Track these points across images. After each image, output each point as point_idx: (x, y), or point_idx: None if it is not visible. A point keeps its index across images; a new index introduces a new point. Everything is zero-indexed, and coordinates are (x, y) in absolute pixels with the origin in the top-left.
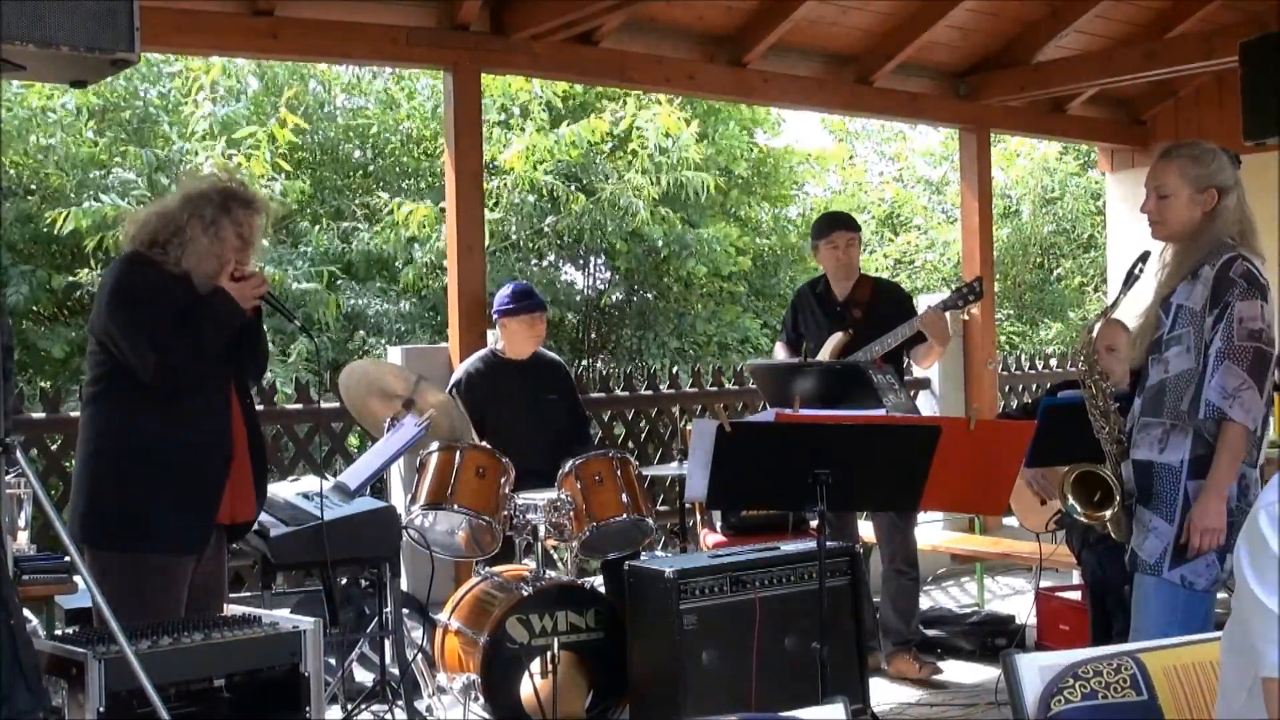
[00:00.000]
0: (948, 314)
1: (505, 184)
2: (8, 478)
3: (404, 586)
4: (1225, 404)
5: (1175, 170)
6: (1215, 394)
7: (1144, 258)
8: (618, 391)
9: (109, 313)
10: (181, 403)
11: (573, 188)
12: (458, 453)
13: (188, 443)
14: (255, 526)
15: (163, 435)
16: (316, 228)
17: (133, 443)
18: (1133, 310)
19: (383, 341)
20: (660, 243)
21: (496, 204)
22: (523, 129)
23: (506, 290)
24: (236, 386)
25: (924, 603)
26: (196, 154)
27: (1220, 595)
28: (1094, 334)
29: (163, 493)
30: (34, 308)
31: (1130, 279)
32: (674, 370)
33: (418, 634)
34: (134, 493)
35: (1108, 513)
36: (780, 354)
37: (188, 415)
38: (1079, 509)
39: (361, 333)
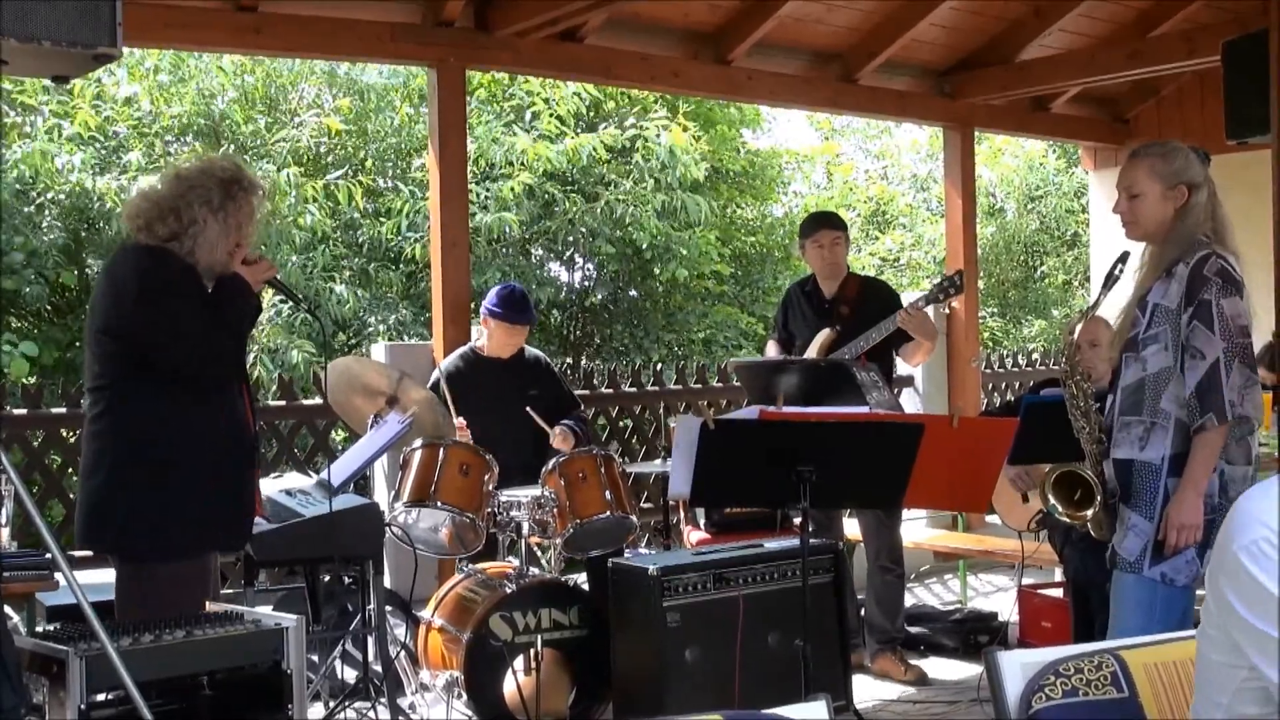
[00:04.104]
0: (930, 308)
1: (508, 188)
2: None
3: (387, 583)
4: (1239, 402)
5: (1144, 169)
6: (1233, 394)
7: (1123, 258)
8: (602, 389)
9: (139, 306)
10: (208, 399)
11: (570, 192)
12: (441, 450)
13: (221, 439)
14: None
15: (199, 433)
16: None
17: (172, 443)
18: (1114, 310)
19: (383, 331)
20: (645, 245)
21: (494, 202)
22: (530, 131)
23: (499, 291)
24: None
25: (907, 600)
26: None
27: (1200, 592)
28: (1075, 334)
29: (207, 494)
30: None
31: (1110, 280)
32: (658, 367)
33: (401, 631)
34: (181, 496)
35: (1088, 512)
36: (771, 352)
37: (219, 411)
38: (1060, 508)
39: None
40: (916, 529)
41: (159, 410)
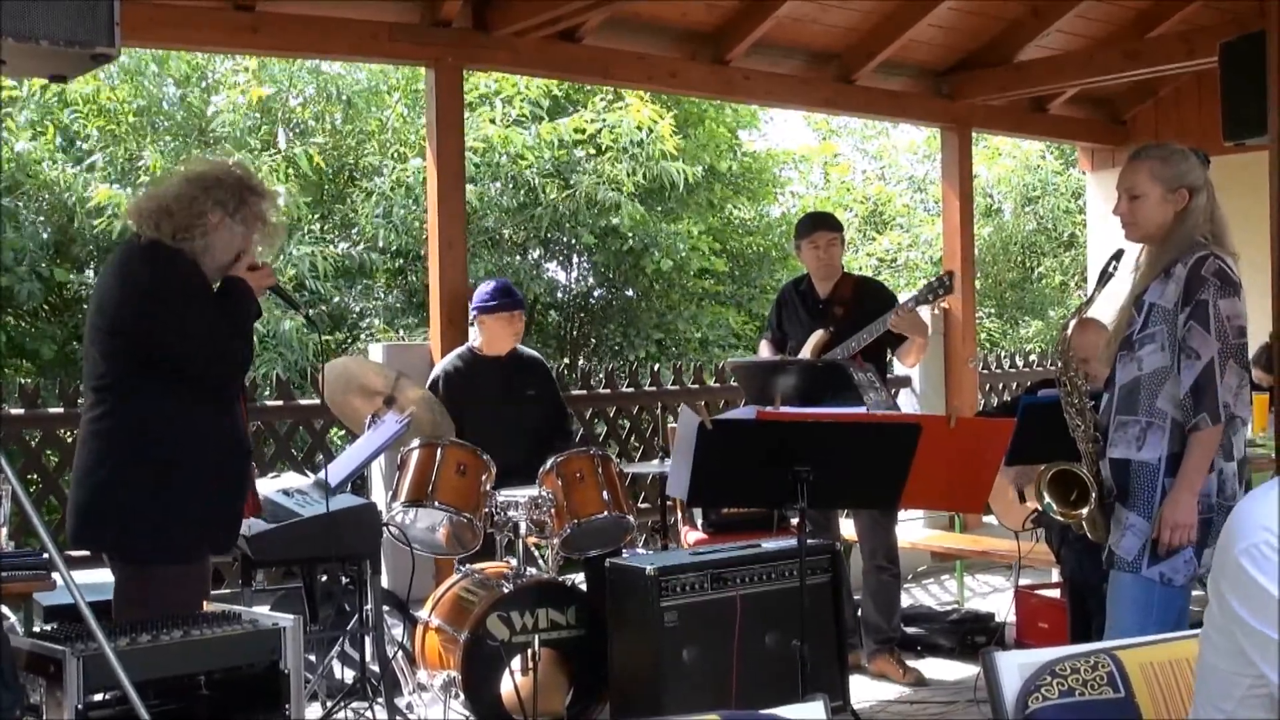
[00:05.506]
0: (921, 309)
1: (485, 171)
2: None
3: (384, 583)
4: (1233, 403)
5: (1146, 172)
6: (1228, 394)
7: (1118, 256)
8: (599, 389)
9: (150, 305)
10: (211, 399)
11: (552, 182)
12: (439, 450)
13: (224, 439)
14: None
15: (203, 433)
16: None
17: (176, 442)
18: (1110, 308)
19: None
20: (630, 238)
21: (472, 180)
22: (494, 120)
23: (485, 288)
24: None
25: (904, 600)
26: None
27: (1196, 592)
28: (1069, 333)
29: (210, 494)
30: (26, 304)
31: (1104, 277)
32: (655, 368)
33: (398, 631)
34: (183, 496)
35: (1083, 511)
36: (764, 351)
37: (222, 411)
38: (1055, 507)
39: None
40: (913, 529)
41: (164, 409)
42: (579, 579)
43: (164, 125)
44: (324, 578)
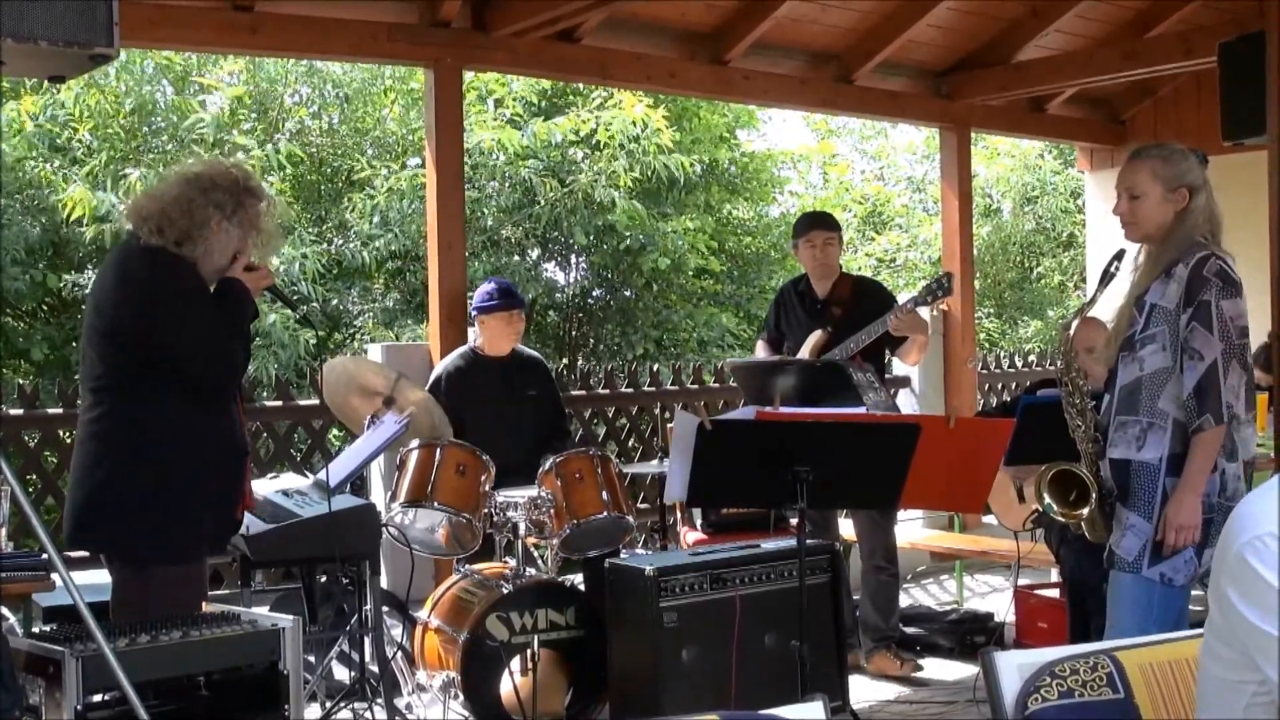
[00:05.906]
0: (920, 309)
1: (481, 172)
2: None
3: (384, 584)
4: (1235, 403)
5: (1146, 171)
6: (1231, 395)
7: (1119, 256)
8: (598, 389)
9: (151, 308)
10: (208, 401)
11: (549, 180)
12: (438, 450)
13: (223, 439)
14: None
15: (201, 434)
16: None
17: (175, 443)
18: (1110, 309)
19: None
20: (628, 237)
21: (468, 182)
22: (485, 123)
23: (486, 287)
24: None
25: (903, 600)
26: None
27: (1195, 592)
28: (1071, 333)
29: (208, 495)
30: (23, 305)
31: (1106, 277)
32: (654, 368)
33: (397, 631)
34: (182, 497)
35: (1083, 511)
36: (761, 352)
37: (220, 412)
38: (1055, 508)
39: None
40: (913, 529)
41: (162, 410)
42: (578, 579)
43: (159, 125)
44: (323, 578)
